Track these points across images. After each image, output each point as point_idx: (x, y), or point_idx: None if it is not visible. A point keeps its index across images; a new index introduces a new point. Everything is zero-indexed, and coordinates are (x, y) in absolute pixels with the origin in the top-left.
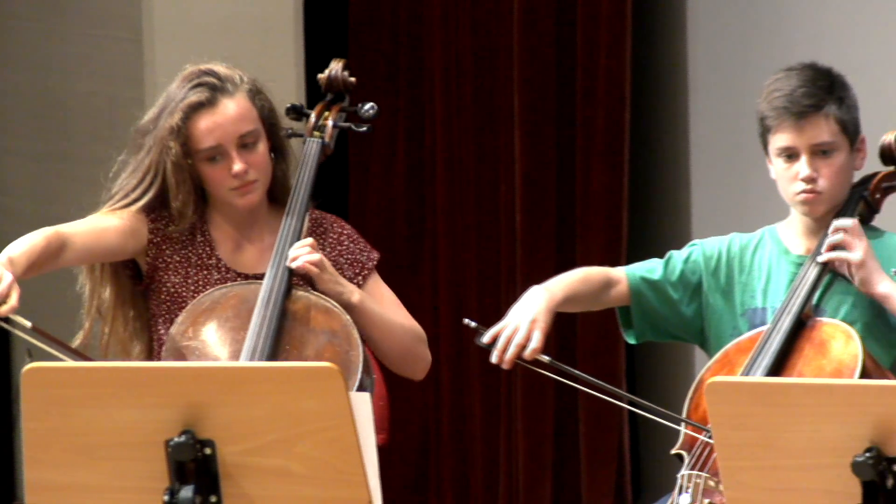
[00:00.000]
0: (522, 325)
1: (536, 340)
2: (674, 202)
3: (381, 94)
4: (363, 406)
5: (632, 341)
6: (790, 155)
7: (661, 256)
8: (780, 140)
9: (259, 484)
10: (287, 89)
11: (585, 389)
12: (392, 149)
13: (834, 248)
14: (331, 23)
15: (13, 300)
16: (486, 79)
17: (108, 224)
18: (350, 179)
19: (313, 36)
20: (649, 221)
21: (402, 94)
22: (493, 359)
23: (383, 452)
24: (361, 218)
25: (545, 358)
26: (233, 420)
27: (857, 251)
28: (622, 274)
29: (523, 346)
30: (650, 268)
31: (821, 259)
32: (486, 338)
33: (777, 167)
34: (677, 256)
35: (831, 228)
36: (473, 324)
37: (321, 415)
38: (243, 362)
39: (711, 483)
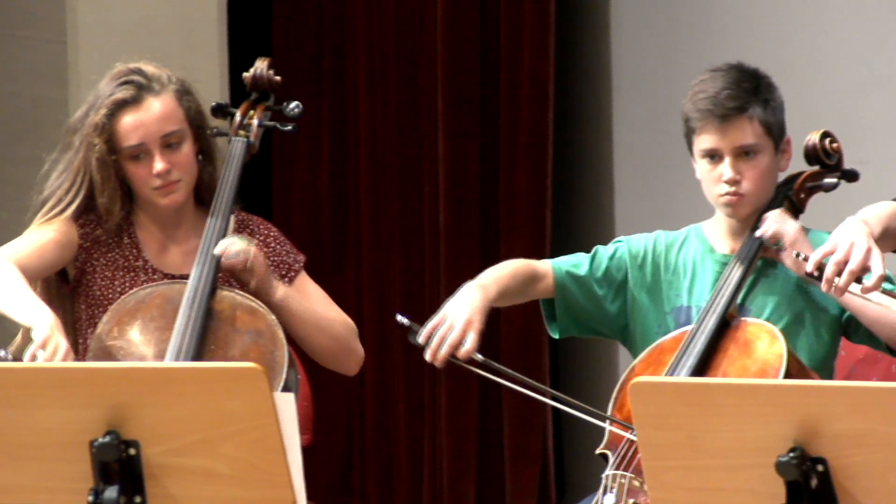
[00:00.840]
0: (457, 323)
1: (471, 340)
2: (597, 202)
3: (305, 94)
4: (288, 406)
5: (555, 335)
6: (714, 156)
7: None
8: (704, 142)
9: (184, 484)
10: (211, 89)
11: (519, 389)
12: (316, 148)
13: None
14: (254, 22)
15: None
16: (410, 79)
17: (47, 239)
18: (274, 179)
19: (237, 36)
20: (573, 221)
21: (326, 94)
22: (427, 357)
23: (308, 452)
24: (286, 217)
25: (479, 357)
26: (157, 420)
27: (789, 231)
28: (548, 267)
29: (457, 346)
30: (576, 262)
31: (758, 234)
32: (420, 337)
33: (701, 168)
34: (603, 252)
35: (762, 219)
36: (406, 321)
37: (245, 415)
38: (168, 362)
39: (636, 483)
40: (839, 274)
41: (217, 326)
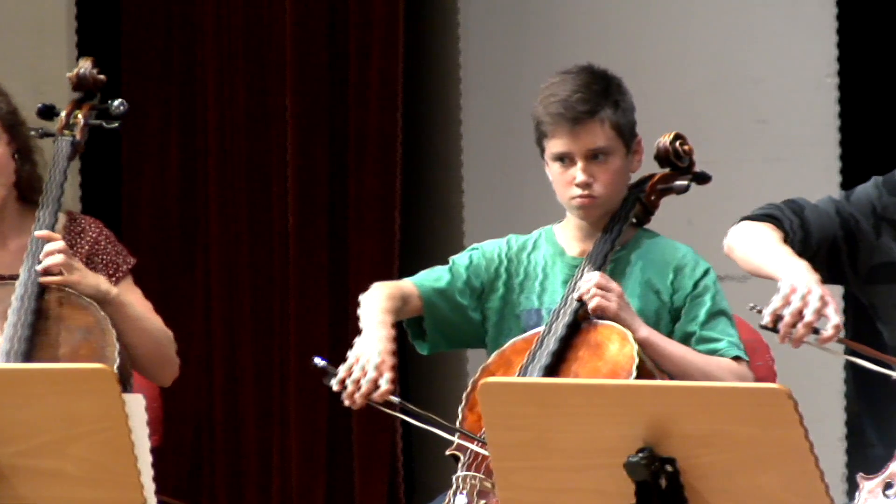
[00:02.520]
0: (370, 365)
1: (386, 381)
2: (446, 203)
3: (154, 95)
4: (137, 408)
5: (425, 352)
6: (566, 159)
7: (434, 259)
8: (555, 145)
9: (33, 486)
10: (60, 89)
11: (435, 431)
12: (165, 149)
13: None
14: (104, 23)
15: None
16: (259, 79)
17: None
18: (123, 180)
19: (86, 36)
20: (422, 222)
21: (175, 94)
22: (344, 402)
23: (156, 453)
24: (135, 217)
25: (394, 399)
26: (6, 422)
27: (612, 303)
28: (412, 286)
29: (373, 388)
30: (437, 276)
31: (576, 296)
32: (334, 385)
33: (553, 171)
34: (459, 262)
35: (578, 287)
36: (322, 363)
37: (95, 416)
38: (18, 364)
39: (487, 484)
40: (795, 326)
41: (47, 325)
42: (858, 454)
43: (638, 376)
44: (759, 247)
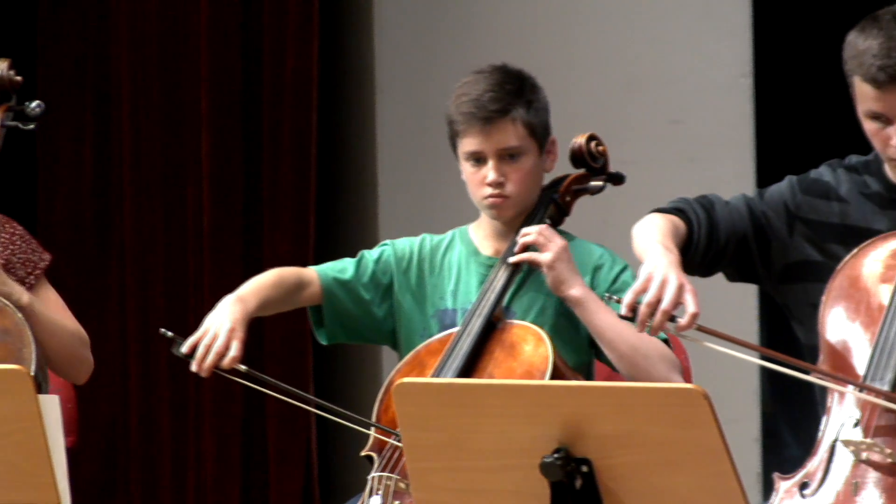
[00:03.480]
0: (221, 334)
1: (235, 349)
2: (361, 203)
3: (69, 96)
4: (52, 409)
5: (323, 342)
6: (478, 159)
7: (349, 258)
8: (468, 144)
9: None
10: None
11: (283, 398)
12: (79, 149)
13: (526, 249)
14: (18, 24)
15: None
16: (174, 79)
17: None
18: (38, 181)
19: (1, 38)
20: (337, 222)
21: (90, 94)
22: (193, 367)
23: (71, 454)
24: (49, 219)
25: (242, 367)
26: None
27: (548, 252)
28: (314, 274)
29: (222, 355)
30: (342, 267)
31: (511, 260)
32: (184, 348)
33: (466, 170)
34: (369, 256)
35: (520, 234)
36: (170, 333)
37: (10, 418)
38: None
39: (402, 485)
40: (652, 315)
41: None
42: (773, 454)
43: (553, 377)
44: (643, 236)
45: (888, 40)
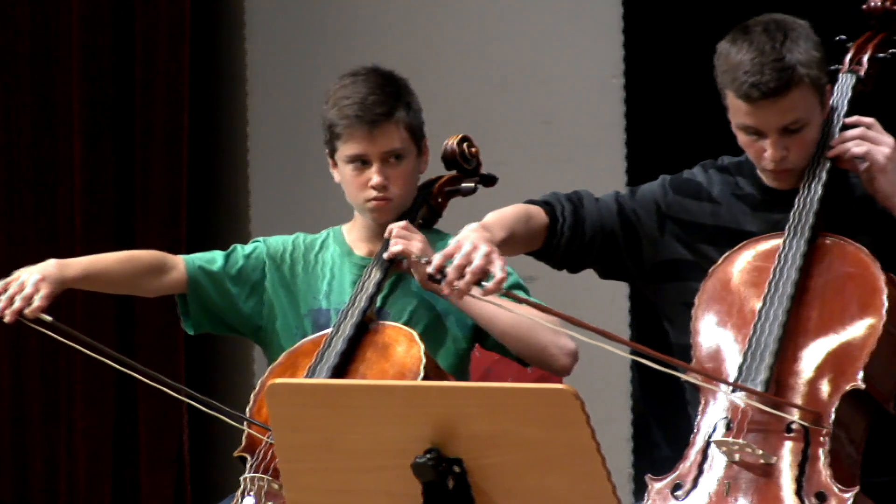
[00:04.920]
0: (30, 282)
1: (40, 298)
2: (233, 203)
3: None
4: None
5: (189, 331)
6: (362, 162)
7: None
8: (350, 148)
9: None
10: None
11: (91, 354)
12: None
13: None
14: None
15: None
16: (45, 81)
17: None
18: None
19: None
20: (209, 222)
21: None
22: None
23: None
24: None
25: (47, 317)
26: None
27: (413, 249)
28: (180, 261)
29: (27, 303)
30: (210, 258)
31: (386, 256)
32: None
33: (346, 173)
34: (240, 251)
35: (386, 232)
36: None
37: None
38: None
39: (275, 486)
40: (460, 276)
41: None
42: (645, 455)
43: (425, 377)
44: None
45: (759, 55)
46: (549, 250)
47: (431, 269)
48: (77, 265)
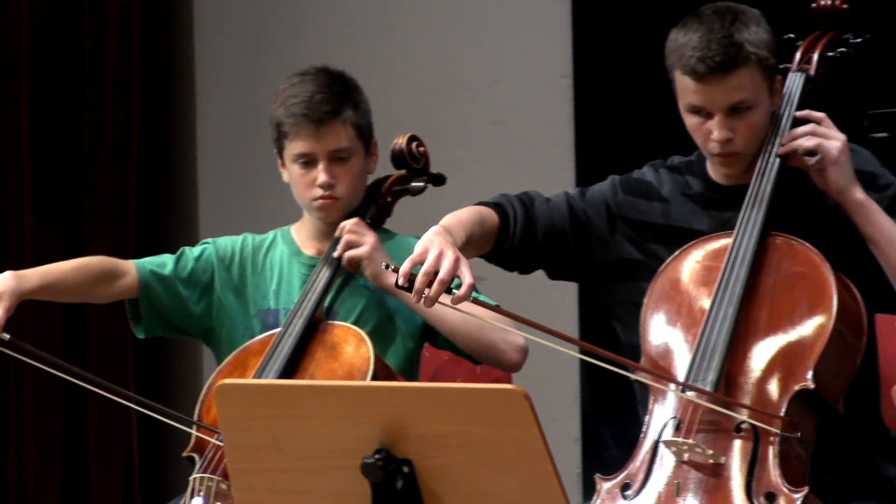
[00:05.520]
0: None
1: None
2: (182, 204)
3: None
4: None
5: (140, 335)
6: (308, 161)
7: (171, 254)
8: (297, 146)
9: None
10: None
11: (51, 370)
12: None
13: (349, 246)
14: None
15: None
16: None
17: None
18: None
19: None
20: (158, 223)
21: None
22: None
23: None
24: None
25: (5, 336)
26: None
27: (364, 246)
28: (132, 266)
29: None
30: (161, 262)
31: (336, 254)
32: None
33: (294, 172)
34: (189, 253)
35: (338, 230)
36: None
37: None
38: None
39: (223, 486)
40: (429, 285)
41: None
42: (594, 455)
43: (374, 377)
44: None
45: (708, 32)
46: (502, 252)
47: (400, 280)
48: (33, 277)
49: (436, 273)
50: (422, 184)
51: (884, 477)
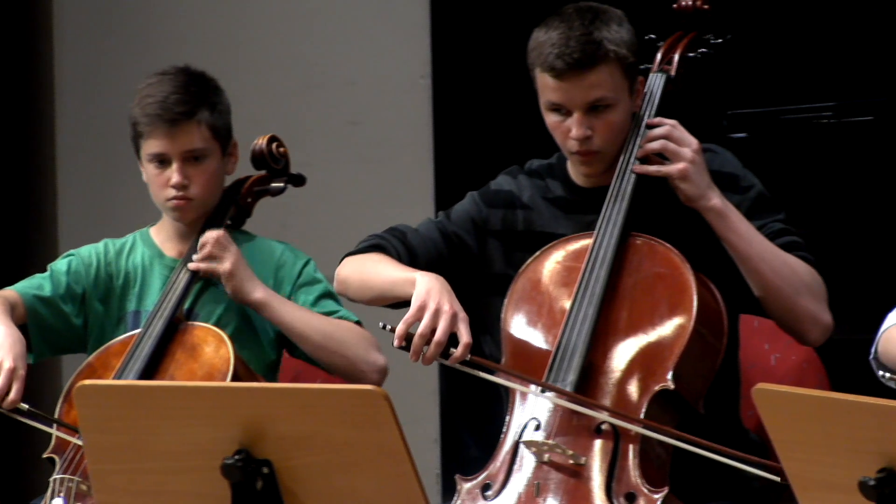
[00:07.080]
0: (1, 374)
1: (16, 391)
2: (40, 210)
3: None
4: None
5: (30, 362)
6: (162, 161)
7: (28, 266)
8: (152, 146)
9: None
10: None
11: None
12: None
13: (207, 258)
14: None
15: None
16: None
17: None
18: None
19: None
20: (15, 229)
21: None
22: None
23: None
24: None
25: (24, 406)
26: None
27: (226, 262)
28: (15, 295)
29: (2, 398)
30: (38, 284)
31: (191, 267)
32: None
33: (149, 172)
34: (58, 269)
35: (201, 240)
36: None
37: None
38: None
39: (84, 487)
40: (427, 344)
41: None
42: (453, 455)
43: (234, 378)
44: (376, 273)
45: (568, 30)
46: None
47: (396, 342)
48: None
49: (432, 333)
50: (282, 184)
51: (743, 478)
